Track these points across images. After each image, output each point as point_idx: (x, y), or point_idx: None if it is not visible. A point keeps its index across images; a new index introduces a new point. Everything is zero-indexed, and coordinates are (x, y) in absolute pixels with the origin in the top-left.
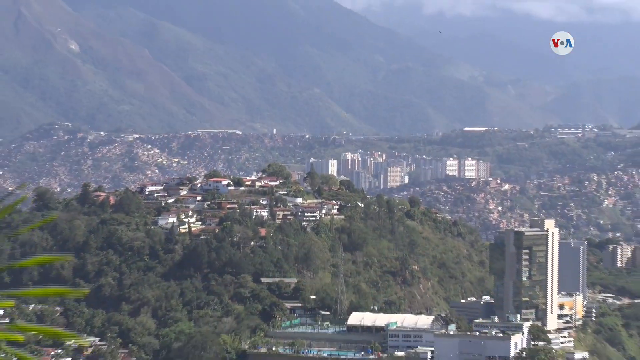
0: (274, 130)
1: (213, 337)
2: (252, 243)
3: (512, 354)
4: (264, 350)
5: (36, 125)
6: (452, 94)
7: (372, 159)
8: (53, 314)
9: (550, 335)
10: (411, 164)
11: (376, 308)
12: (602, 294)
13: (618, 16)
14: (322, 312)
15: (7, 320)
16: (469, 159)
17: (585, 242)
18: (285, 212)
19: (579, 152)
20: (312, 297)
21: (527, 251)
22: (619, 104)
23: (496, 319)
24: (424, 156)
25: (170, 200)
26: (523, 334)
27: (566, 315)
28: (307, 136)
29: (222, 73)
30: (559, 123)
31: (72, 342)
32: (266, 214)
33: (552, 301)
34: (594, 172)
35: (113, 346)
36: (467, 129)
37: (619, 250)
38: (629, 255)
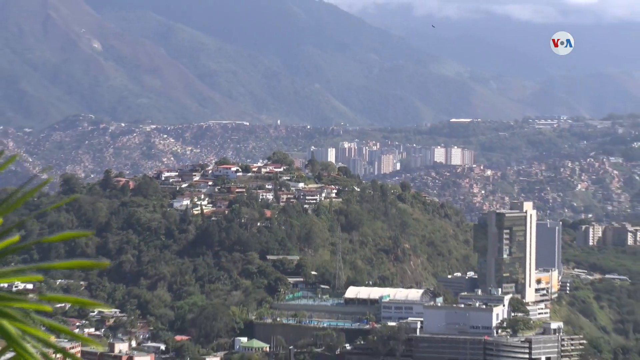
0: (278, 122)
1: (223, 308)
2: (259, 224)
3: (493, 324)
4: (269, 320)
5: (63, 116)
6: (440, 88)
7: (367, 148)
8: (78, 287)
9: (528, 307)
10: (402, 152)
11: (371, 282)
12: (576, 270)
13: (590, 18)
14: (322, 286)
15: (35, 293)
16: (455, 147)
17: (560, 223)
18: (289, 196)
19: (554, 141)
20: (313, 272)
21: (507, 231)
22: (590, 97)
23: (479, 292)
24: (414, 145)
25: (184, 185)
26: (504, 305)
27: (543, 289)
28: (308, 127)
29: (231, 70)
30: (536, 115)
31: (97, 310)
32: (271, 197)
33: (530, 276)
34: (568, 159)
35: (132, 317)
36: (453, 120)
37: (590, 230)
38: (600, 235)
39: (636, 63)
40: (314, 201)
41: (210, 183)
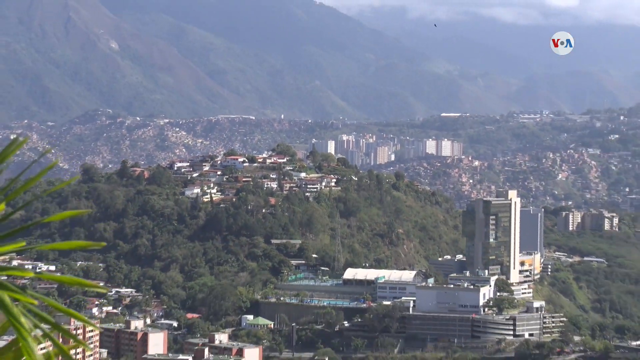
0: (282, 116)
1: (231, 289)
2: (264, 210)
3: (480, 303)
4: (273, 300)
5: (82, 111)
6: (431, 85)
7: (364, 140)
8: (97, 269)
9: (512, 287)
10: (397, 144)
11: (367, 265)
12: (557, 253)
13: (570, 20)
14: (322, 268)
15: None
16: (445, 140)
17: (542, 210)
18: (291, 185)
19: (537, 134)
20: (314, 255)
21: (493, 217)
22: (570, 93)
23: (467, 274)
24: (408, 137)
25: (194, 175)
26: (490, 286)
27: (526, 271)
28: (309, 121)
29: (238, 68)
30: (520, 110)
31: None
32: (275, 186)
33: (514, 259)
34: (549, 150)
35: (147, 296)
36: (443, 114)
37: (570, 216)
38: (579, 221)
39: (612, 62)
40: (315, 189)
41: (219, 173)
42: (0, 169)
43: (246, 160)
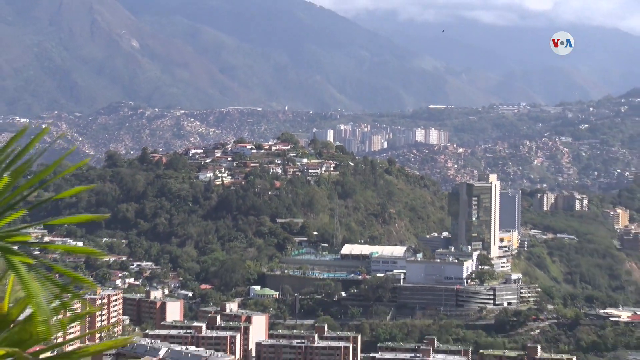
0: (286, 107)
1: (240, 262)
2: (269, 192)
3: (464, 275)
4: (278, 272)
5: (107, 103)
6: (420, 80)
7: (359, 129)
8: (120, 245)
9: (493, 262)
10: (389, 133)
11: (362, 241)
12: (532, 231)
13: (544, 21)
14: (322, 244)
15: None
16: (433, 129)
17: (520, 192)
18: (294, 169)
19: (515, 124)
20: (315, 233)
21: (475, 198)
22: (544, 87)
23: (452, 249)
24: (399, 127)
25: (207, 160)
26: (472, 260)
27: (505, 247)
28: (310, 112)
29: (247, 64)
30: (499, 102)
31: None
32: (280, 170)
33: (494, 236)
34: (526, 139)
35: (165, 269)
36: (431, 106)
37: (544, 197)
38: (552, 201)
39: (582, 59)
40: (316, 174)
41: (229, 158)
42: (33, 158)
43: (254, 148)
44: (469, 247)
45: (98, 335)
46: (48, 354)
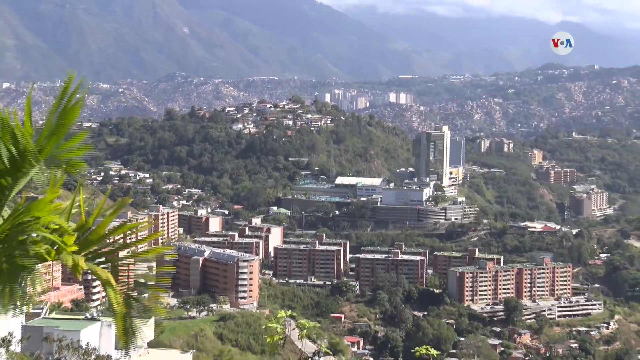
0: (295, 77)
1: (262, 190)
2: (283, 139)
3: (424, 199)
4: (290, 197)
5: (165, 73)
6: (394, 57)
7: (349, 93)
8: (175, 177)
9: (444, 189)
10: (370, 96)
11: (351, 174)
12: (473, 166)
13: (483, 13)
14: (321, 176)
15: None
16: (402, 93)
17: (464, 138)
18: (302, 122)
19: (461, 89)
20: (316, 168)
21: (432, 143)
22: (483, 63)
23: (415, 180)
24: (377, 91)
25: (238, 115)
26: (430, 188)
27: (453, 178)
28: (313, 80)
29: (267, 46)
30: (450, 73)
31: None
32: (291, 123)
33: (445, 170)
34: (469, 100)
35: (208, 194)
36: (401, 76)
37: (482, 142)
38: (488, 145)
39: (511, 42)
40: (317, 126)
41: (254, 114)
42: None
43: (272, 106)
44: (427, 178)
45: (160, 239)
46: (125, 253)
